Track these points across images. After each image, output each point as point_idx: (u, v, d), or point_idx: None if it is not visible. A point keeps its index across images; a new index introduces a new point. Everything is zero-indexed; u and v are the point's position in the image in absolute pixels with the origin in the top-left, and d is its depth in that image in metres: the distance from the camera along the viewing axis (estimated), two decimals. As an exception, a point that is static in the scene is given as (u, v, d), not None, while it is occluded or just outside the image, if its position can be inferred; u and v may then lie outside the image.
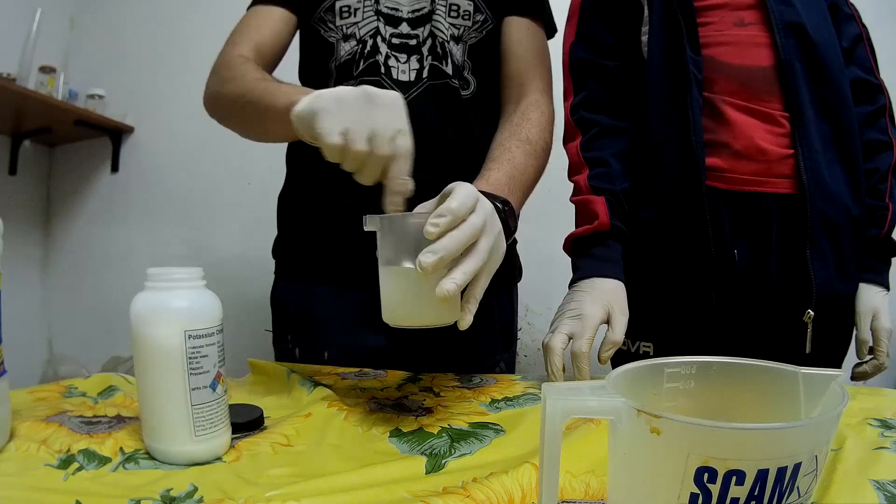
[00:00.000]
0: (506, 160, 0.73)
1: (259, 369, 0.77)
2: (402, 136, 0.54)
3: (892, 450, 0.48)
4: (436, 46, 0.82)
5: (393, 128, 0.54)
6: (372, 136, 0.53)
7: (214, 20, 1.92)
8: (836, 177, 0.78)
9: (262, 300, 0.99)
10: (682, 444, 0.26)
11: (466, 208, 0.51)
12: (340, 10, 0.81)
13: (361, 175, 0.55)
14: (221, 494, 0.41)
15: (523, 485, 0.42)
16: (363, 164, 0.54)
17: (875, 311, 0.80)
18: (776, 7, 0.77)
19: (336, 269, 0.85)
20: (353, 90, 0.54)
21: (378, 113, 0.54)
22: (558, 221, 1.02)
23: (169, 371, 0.45)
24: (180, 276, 0.47)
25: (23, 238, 2.00)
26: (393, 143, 0.54)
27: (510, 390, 0.69)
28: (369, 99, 0.54)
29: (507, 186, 0.69)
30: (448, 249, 0.48)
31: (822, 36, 0.78)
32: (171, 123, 1.98)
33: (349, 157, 0.53)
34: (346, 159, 0.54)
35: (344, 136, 0.52)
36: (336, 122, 0.52)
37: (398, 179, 0.55)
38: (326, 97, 0.54)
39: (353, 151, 0.52)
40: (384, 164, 0.54)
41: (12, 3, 1.78)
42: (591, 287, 0.73)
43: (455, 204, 0.50)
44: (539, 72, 0.85)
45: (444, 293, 0.48)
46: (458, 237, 0.49)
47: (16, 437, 0.49)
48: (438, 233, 0.48)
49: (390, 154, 0.54)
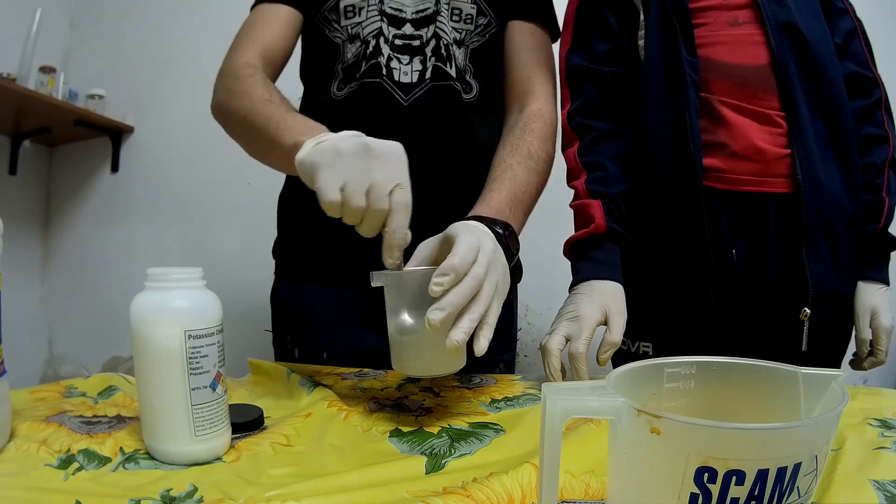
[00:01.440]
0: (507, 179, 0.73)
1: (259, 369, 0.77)
2: (400, 189, 0.55)
3: (892, 450, 0.48)
4: (439, 48, 0.81)
5: (391, 181, 0.55)
6: (370, 190, 0.54)
7: (215, 20, 1.93)
8: (831, 175, 0.78)
9: (262, 300, 0.99)
10: (682, 444, 0.26)
11: (468, 263, 0.52)
12: (345, 10, 0.81)
13: (361, 228, 0.56)
14: (221, 494, 0.41)
15: (523, 485, 0.42)
16: (361, 219, 0.55)
17: (874, 309, 0.80)
18: (769, 7, 0.78)
19: (335, 269, 0.85)
20: (353, 142, 0.55)
21: (376, 166, 0.54)
22: (558, 221, 1.02)
23: (169, 371, 0.45)
24: (180, 276, 0.47)
25: (23, 238, 2.00)
26: (391, 197, 0.55)
27: (510, 390, 0.69)
28: (368, 151, 0.55)
29: (509, 207, 0.69)
30: (454, 305, 0.50)
31: (815, 35, 0.78)
32: (171, 123, 1.98)
33: (347, 212, 0.54)
34: (345, 214, 0.55)
35: (342, 191, 0.53)
36: (334, 177, 0.54)
37: (396, 233, 0.55)
38: (325, 149, 0.55)
39: (351, 208, 0.53)
40: (382, 218, 0.55)
41: (12, 3, 1.78)
42: (589, 289, 0.74)
43: (457, 260, 0.51)
44: (543, 78, 0.85)
45: (454, 343, 0.50)
46: (462, 292, 0.51)
47: (16, 437, 0.49)
48: (442, 291, 0.50)
49: (388, 208, 0.54)
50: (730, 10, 0.79)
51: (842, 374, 0.32)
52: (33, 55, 1.73)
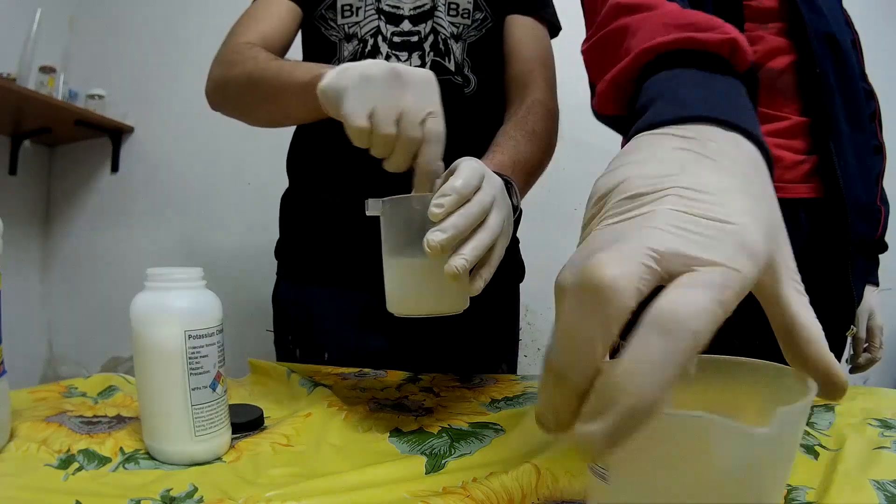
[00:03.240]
0: (510, 146, 0.70)
1: (259, 369, 0.77)
2: (432, 118, 0.51)
3: (892, 450, 0.48)
4: (438, 43, 0.81)
5: (423, 109, 0.50)
6: (401, 117, 0.49)
7: (214, 20, 1.92)
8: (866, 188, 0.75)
9: (262, 300, 0.99)
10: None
11: (471, 187, 0.47)
12: (342, 9, 0.81)
13: (390, 161, 0.52)
14: (221, 494, 0.41)
15: (523, 485, 0.42)
16: (392, 149, 0.51)
17: (871, 310, 0.83)
18: (809, 16, 0.73)
19: (338, 270, 0.85)
20: (381, 67, 0.50)
21: (408, 92, 0.50)
22: (558, 221, 1.02)
23: (169, 371, 0.45)
24: (180, 277, 0.47)
25: (23, 238, 2.00)
26: (423, 125, 0.50)
27: (510, 390, 0.69)
28: (398, 77, 0.50)
29: (511, 169, 0.66)
30: (457, 227, 0.45)
31: (846, 44, 0.77)
32: (171, 123, 1.98)
33: (376, 141, 0.50)
34: (374, 144, 0.50)
35: (371, 118, 0.49)
36: (362, 103, 0.49)
37: (429, 164, 0.51)
38: (352, 74, 0.50)
39: (381, 135, 0.49)
40: (414, 148, 0.51)
41: (12, 3, 1.79)
42: (719, 153, 0.28)
43: (460, 182, 0.46)
44: (542, 72, 0.85)
45: (452, 270, 0.45)
46: (466, 214, 0.46)
47: (16, 437, 0.49)
48: (444, 213, 0.45)
49: (420, 138, 0.50)
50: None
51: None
52: (33, 55, 1.73)
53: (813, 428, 0.54)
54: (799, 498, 0.40)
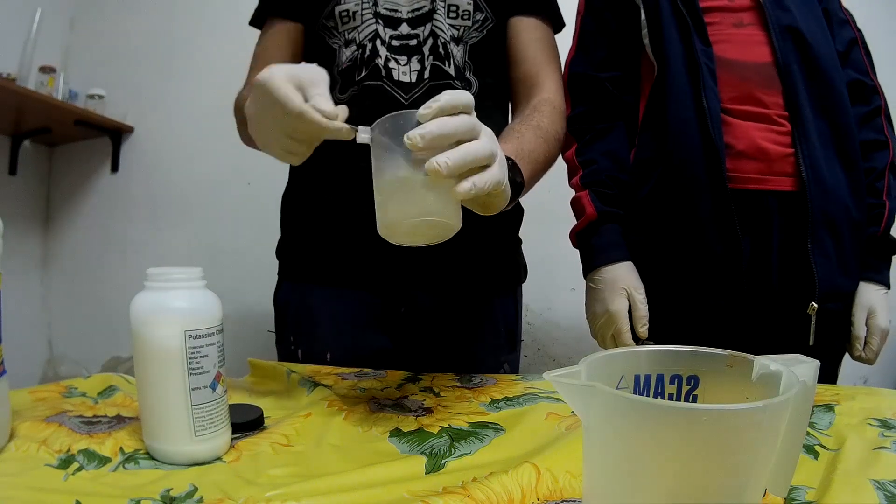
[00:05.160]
0: (514, 138, 0.71)
1: (259, 369, 0.77)
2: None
3: (892, 450, 0.48)
4: (437, 46, 0.81)
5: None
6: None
7: (215, 20, 1.93)
8: (835, 174, 0.80)
9: (262, 300, 0.99)
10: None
11: (460, 102, 0.48)
12: (341, 16, 0.81)
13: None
14: (221, 494, 0.41)
15: (523, 485, 0.42)
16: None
17: (871, 308, 0.81)
18: (773, 11, 0.81)
19: (339, 270, 0.85)
20: (264, 75, 0.55)
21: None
22: (558, 221, 1.02)
23: (169, 371, 0.45)
24: (180, 277, 0.47)
25: (23, 238, 2.00)
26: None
27: (510, 390, 0.69)
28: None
29: (515, 156, 0.65)
30: (440, 127, 0.46)
31: (816, 39, 0.81)
32: (171, 123, 1.98)
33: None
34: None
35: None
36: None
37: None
38: (254, 90, 0.56)
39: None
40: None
41: (12, 3, 1.78)
42: (602, 281, 0.81)
43: (446, 96, 0.48)
44: (549, 71, 0.85)
45: (433, 166, 0.45)
46: (449, 121, 0.47)
47: (16, 437, 0.49)
48: (430, 115, 0.47)
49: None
50: (735, 12, 0.83)
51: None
52: (33, 55, 1.73)
53: (813, 428, 0.54)
54: (799, 498, 0.40)
